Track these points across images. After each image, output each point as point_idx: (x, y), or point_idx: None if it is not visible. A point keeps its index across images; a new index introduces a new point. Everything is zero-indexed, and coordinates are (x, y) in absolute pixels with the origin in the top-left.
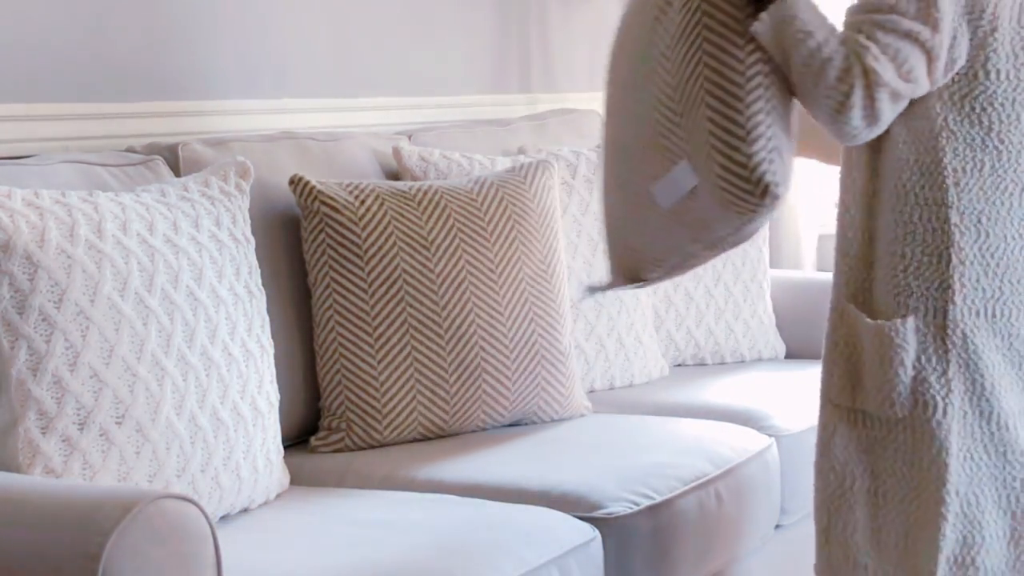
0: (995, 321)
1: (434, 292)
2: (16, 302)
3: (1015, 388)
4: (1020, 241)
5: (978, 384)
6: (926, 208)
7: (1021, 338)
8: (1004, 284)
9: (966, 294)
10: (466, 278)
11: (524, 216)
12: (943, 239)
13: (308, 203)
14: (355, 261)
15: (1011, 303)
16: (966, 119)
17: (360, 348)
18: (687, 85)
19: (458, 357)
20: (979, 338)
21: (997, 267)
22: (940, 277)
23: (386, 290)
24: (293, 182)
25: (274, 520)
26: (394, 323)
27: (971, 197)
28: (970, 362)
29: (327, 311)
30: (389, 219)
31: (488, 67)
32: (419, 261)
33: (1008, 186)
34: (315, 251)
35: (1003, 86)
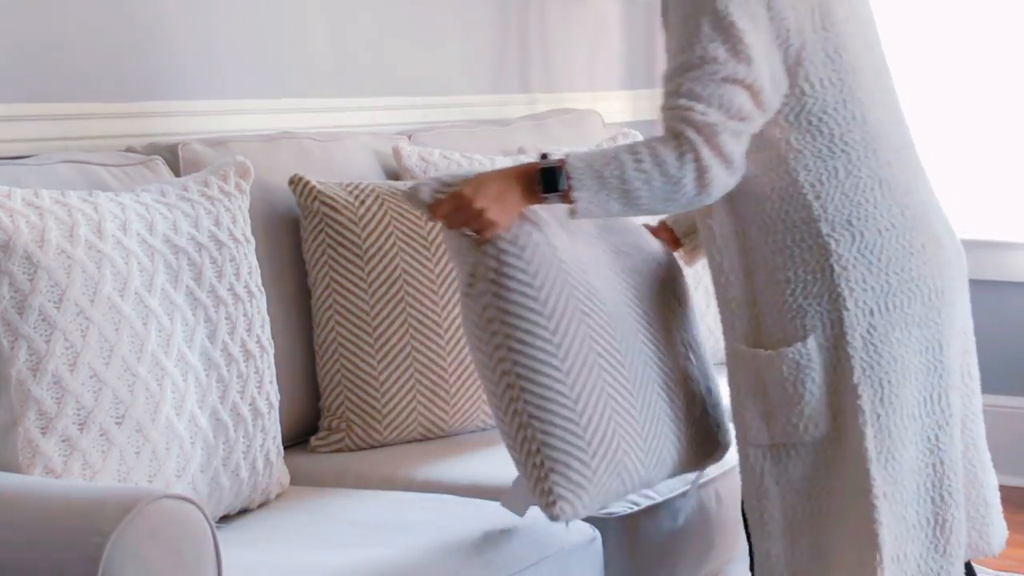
0: (890, 314)
1: (434, 292)
2: (16, 302)
3: (919, 375)
4: (894, 231)
5: (884, 382)
6: (796, 229)
7: (917, 322)
8: (890, 276)
9: (856, 297)
10: None
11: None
12: (821, 252)
13: (308, 203)
14: (355, 261)
15: (901, 292)
16: (807, 133)
17: (360, 348)
18: (496, 385)
19: (458, 357)
20: (878, 336)
21: (879, 262)
22: (828, 289)
23: (386, 290)
24: (293, 182)
25: (274, 520)
26: (394, 323)
27: (835, 204)
28: (873, 363)
29: (327, 311)
30: (389, 219)
31: (488, 67)
32: (419, 261)
33: (866, 182)
34: (315, 251)
35: (830, 91)
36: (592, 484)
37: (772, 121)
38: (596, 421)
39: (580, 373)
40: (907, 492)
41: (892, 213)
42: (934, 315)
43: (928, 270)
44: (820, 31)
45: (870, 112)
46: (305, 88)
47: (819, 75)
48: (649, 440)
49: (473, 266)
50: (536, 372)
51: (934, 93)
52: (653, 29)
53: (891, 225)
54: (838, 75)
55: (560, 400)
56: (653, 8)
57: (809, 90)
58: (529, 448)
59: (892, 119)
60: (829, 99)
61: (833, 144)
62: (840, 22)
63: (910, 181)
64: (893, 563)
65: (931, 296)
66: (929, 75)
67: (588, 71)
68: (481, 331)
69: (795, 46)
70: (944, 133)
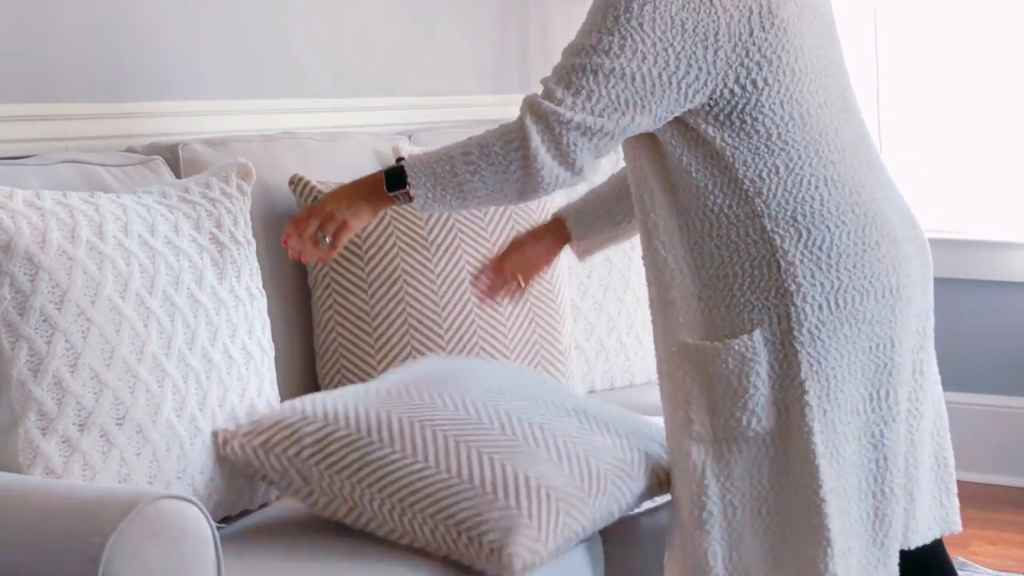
0: (841, 311)
1: (434, 292)
2: (17, 303)
3: (866, 371)
4: (844, 228)
5: (831, 378)
6: (740, 225)
7: (868, 319)
8: (841, 273)
9: (804, 293)
10: (466, 278)
11: (524, 216)
12: (767, 248)
13: (308, 203)
14: (355, 261)
15: (853, 289)
16: (740, 132)
17: (360, 348)
18: None
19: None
20: (826, 332)
21: (828, 259)
22: (776, 284)
23: (386, 290)
24: (293, 182)
25: (274, 522)
26: (394, 323)
27: (778, 201)
28: (821, 359)
29: (327, 311)
30: (389, 219)
31: (488, 67)
32: (419, 261)
33: (810, 180)
34: None
35: (764, 92)
36: (528, 526)
37: (702, 119)
38: (488, 475)
39: (438, 453)
40: (850, 487)
41: (841, 210)
42: (887, 312)
43: (882, 267)
44: (759, 32)
45: (810, 113)
46: (305, 88)
47: (752, 77)
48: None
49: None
50: (396, 479)
51: (933, 93)
52: None
53: (841, 222)
54: (775, 77)
55: (439, 480)
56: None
57: (739, 91)
58: (446, 533)
59: (838, 120)
60: (764, 100)
61: (771, 143)
62: (784, 23)
63: (860, 179)
64: (841, 557)
65: (885, 293)
66: (928, 75)
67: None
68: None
69: (725, 47)
70: (944, 133)
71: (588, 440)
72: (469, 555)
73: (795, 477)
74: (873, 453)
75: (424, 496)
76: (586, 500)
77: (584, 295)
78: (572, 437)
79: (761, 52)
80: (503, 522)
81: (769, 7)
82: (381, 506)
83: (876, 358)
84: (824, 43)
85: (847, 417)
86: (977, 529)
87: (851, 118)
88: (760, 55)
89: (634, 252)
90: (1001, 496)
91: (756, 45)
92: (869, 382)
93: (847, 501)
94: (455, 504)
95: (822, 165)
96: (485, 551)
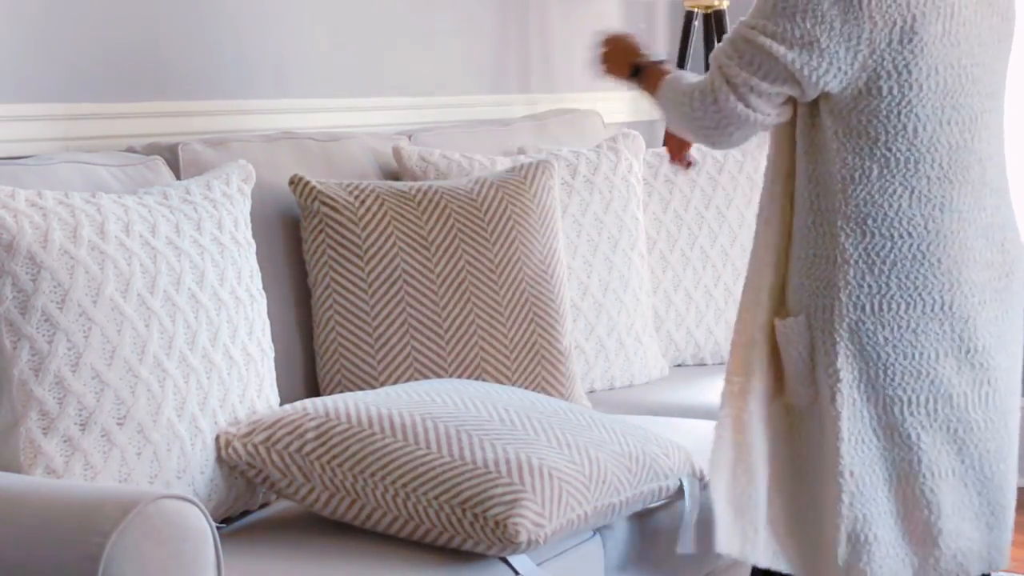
0: (882, 315)
1: (434, 292)
2: (19, 302)
3: (905, 376)
4: (909, 240)
5: (865, 373)
6: (819, 214)
7: (912, 329)
8: (891, 280)
9: (851, 291)
10: (466, 278)
11: (524, 216)
12: (831, 241)
13: (308, 203)
14: (355, 261)
15: (900, 298)
16: (853, 131)
17: (360, 348)
18: None
19: (458, 357)
20: (865, 331)
21: (883, 265)
22: (827, 277)
23: (386, 290)
24: (293, 182)
25: (274, 522)
26: (394, 323)
27: (857, 202)
28: (857, 353)
29: (327, 311)
30: (389, 219)
31: (488, 67)
32: (419, 261)
33: (896, 190)
34: (315, 251)
35: (886, 101)
36: (532, 501)
37: (827, 110)
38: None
39: (434, 440)
40: (878, 478)
41: (914, 223)
42: (935, 326)
43: (937, 283)
44: (895, 45)
45: (925, 128)
46: (305, 88)
47: (879, 84)
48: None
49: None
50: (399, 466)
51: None
52: (654, 29)
53: (907, 234)
54: (899, 88)
55: (439, 461)
56: (653, 8)
57: (866, 93)
58: (451, 513)
59: (957, 139)
60: (882, 107)
61: (875, 147)
62: (922, 42)
63: (951, 197)
64: (857, 541)
65: (934, 308)
66: None
67: (588, 71)
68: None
69: (863, 51)
70: None
71: (587, 434)
72: (475, 533)
73: (823, 454)
74: (907, 454)
75: (428, 479)
76: (588, 484)
77: (584, 295)
78: (571, 431)
79: (894, 63)
80: (507, 497)
81: (912, 25)
82: (384, 494)
83: (917, 366)
84: (970, 63)
85: (881, 414)
86: None
87: (966, 141)
88: (892, 66)
89: (634, 252)
90: None
91: (891, 56)
92: (909, 388)
93: (874, 490)
94: (459, 484)
95: (915, 178)
96: (490, 525)
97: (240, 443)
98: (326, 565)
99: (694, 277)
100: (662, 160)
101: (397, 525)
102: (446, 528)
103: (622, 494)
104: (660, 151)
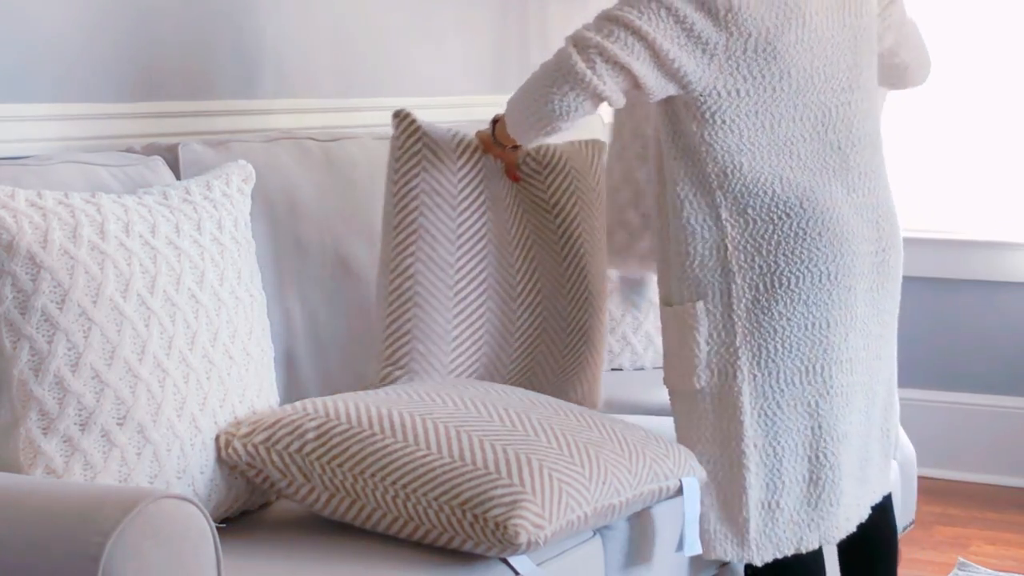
0: (774, 291)
1: (509, 254)
2: (19, 302)
3: (801, 347)
4: (788, 220)
5: (764, 348)
6: (700, 212)
7: (804, 300)
8: (779, 259)
9: (744, 274)
10: (533, 244)
11: (584, 191)
12: (718, 234)
13: (409, 143)
14: (447, 211)
15: (789, 273)
16: (718, 131)
17: (436, 299)
18: None
19: (525, 323)
20: (759, 308)
21: (769, 245)
22: (721, 265)
23: (472, 244)
24: (398, 115)
25: (274, 522)
26: (475, 279)
27: (735, 195)
28: (754, 331)
29: (408, 257)
30: (482, 177)
31: (488, 67)
32: (501, 222)
33: (767, 178)
34: (405, 195)
35: (744, 100)
36: (532, 503)
37: (689, 115)
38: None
39: (431, 439)
40: (783, 448)
41: (790, 205)
42: (824, 296)
43: (821, 255)
44: (750, 54)
45: (781, 124)
46: (305, 88)
47: (736, 87)
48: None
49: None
50: (399, 467)
51: (933, 93)
52: None
53: (786, 215)
54: (756, 90)
55: (440, 463)
56: None
57: (724, 96)
58: (451, 514)
59: (808, 132)
60: (742, 107)
61: (742, 142)
62: (775, 51)
63: (817, 182)
64: (763, 509)
65: (821, 279)
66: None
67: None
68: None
69: (719, 57)
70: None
71: (587, 434)
72: (475, 534)
73: (725, 431)
74: (808, 421)
75: (428, 480)
76: (587, 485)
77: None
78: (571, 431)
79: (748, 69)
80: (507, 498)
81: (767, 36)
82: (384, 495)
83: (811, 336)
84: (822, 64)
85: (780, 386)
86: (977, 529)
87: (827, 131)
88: (747, 70)
89: None
90: (1001, 496)
91: (746, 62)
92: (805, 357)
93: (779, 461)
94: (459, 485)
95: (780, 167)
96: (490, 526)
97: (240, 443)
98: (326, 565)
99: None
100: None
101: (397, 526)
102: (446, 529)
103: (622, 495)
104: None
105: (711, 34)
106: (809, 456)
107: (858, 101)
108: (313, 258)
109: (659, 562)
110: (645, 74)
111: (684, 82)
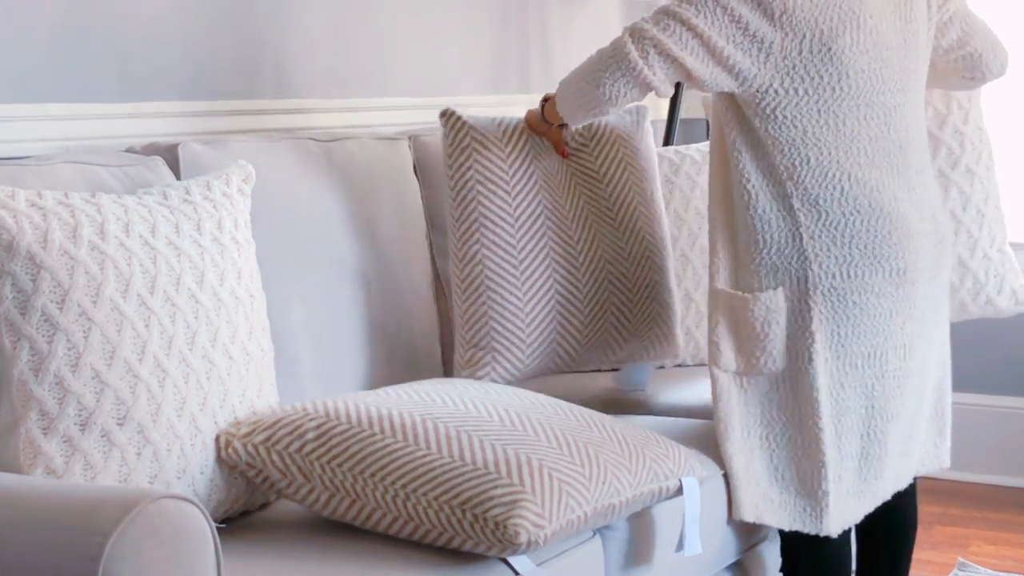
0: (849, 280)
1: (567, 228)
2: (19, 302)
3: (868, 334)
4: (859, 215)
5: (835, 333)
6: (773, 202)
7: (875, 292)
8: (853, 250)
9: (820, 262)
10: (589, 215)
11: (633, 157)
12: (792, 223)
13: (458, 139)
14: (503, 196)
15: (862, 265)
16: (781, 126)
17: (507, 281)
18: None
19: (591, 292)
20: (835, 295)
21: (843, 237)
22: (797, 253)
23: (530, 225)
24: (444, 115)
25: (274, 522)
26: (538, 257)
27: (805, 186)
28: (829, 317)
29: (475, 244)
30: (531, 158)
31: (488, 67)
32: (557, 198)
33: (835, 174)
34: (462, 187)
35: (804, 99)
36: (532, 502)
37: (753, 111)
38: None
39: (433, 440)
40: (845, 427)
41: (859, 202)
42: (892, 289)
43: (891, 253)
44: (807, 54)
45: (846, 123)
46: (305, 88)
47: (795, 86)
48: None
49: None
50: (399, 467)
51: None
52: None
53: (856, 211)
54: (815, 90)
55: (440, 464)
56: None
57: (783, 92)
58: (451, 514)
59: (875, 131)
60: (803, 105)
61: (806, 137)
62: (831, 52)
63: (882, 180)
64: (834, 483)
65: (892, 273)
66: None
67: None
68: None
69: (775, 56)
70: None
71: (587, 434)
72: (475, 534)
73: (800, 411)
74: (864, 401)
75: (428, 480)
76: (587, 485)
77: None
78: (571, 431)
79: (806, 69)
80: (507, 498)
81: (822, 38)
82: (384, 495)
83: (877, 325)
84: (879, 66)
85: (847, 369)
86: (977, 529)
87: (885, 133)
88: (804, 71)
89: None
90: (1001, 496)
91: (803, 63)
92: (869, 343)
93: (843, 438)
94: (459, 485)
95: (849, 164)
96: (490, 526)
97: (240, 443)
98: (326, 565)
99: (694, 277)
100: (662, 160)
101: (397, 526)
102: (446, 529)
103: (622, 495)
104: (660, 151)
105: (766, 32)
106: (862, 434)
107: (911, 103)
108: (313, 258)
109: (659, 562)
110: (697, 68)
111: (740, 79)
